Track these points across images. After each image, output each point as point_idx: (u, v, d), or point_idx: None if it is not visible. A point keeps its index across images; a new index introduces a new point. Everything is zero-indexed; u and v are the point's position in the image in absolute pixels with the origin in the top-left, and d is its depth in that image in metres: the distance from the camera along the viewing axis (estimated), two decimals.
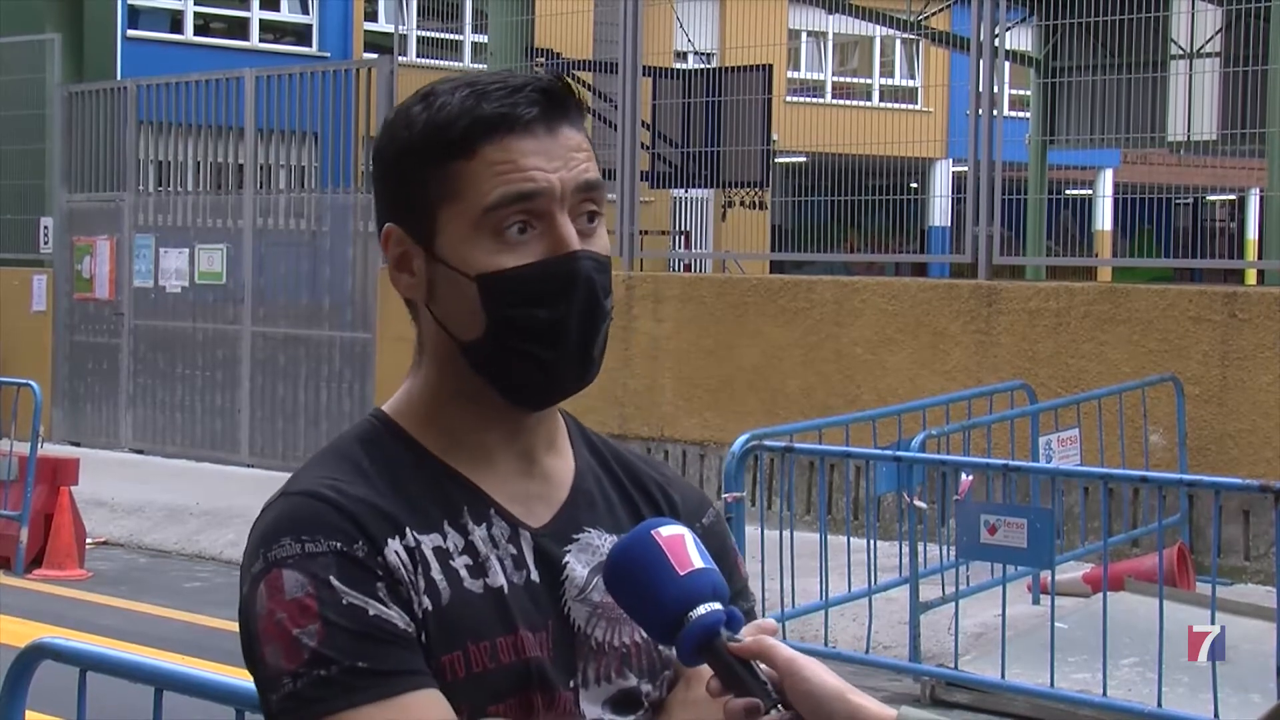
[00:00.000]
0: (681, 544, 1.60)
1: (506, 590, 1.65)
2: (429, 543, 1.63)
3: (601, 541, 1.72)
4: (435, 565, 1.62)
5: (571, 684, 1.67)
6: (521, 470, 1.71)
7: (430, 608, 1.60)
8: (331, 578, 1.56)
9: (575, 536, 1.71)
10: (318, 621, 1.55)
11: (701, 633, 1.56)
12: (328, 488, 1.62)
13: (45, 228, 15.49)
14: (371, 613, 1.56)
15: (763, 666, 1.55)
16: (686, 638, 1.57)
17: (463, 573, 1.63)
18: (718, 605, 1.58)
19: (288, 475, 1.75)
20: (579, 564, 1.70)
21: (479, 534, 1.66)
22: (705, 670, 1.62)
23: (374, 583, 1.57)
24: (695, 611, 1.57)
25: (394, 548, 1.60)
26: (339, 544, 1.58)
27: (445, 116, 1.65)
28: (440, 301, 1.67)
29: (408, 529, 1.62)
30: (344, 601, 1.56)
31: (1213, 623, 6.34)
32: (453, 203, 1.65)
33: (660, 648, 1.72)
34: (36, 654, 3.27)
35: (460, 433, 1.70)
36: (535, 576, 1.67)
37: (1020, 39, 15.60)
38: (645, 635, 1.71)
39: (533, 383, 1.69)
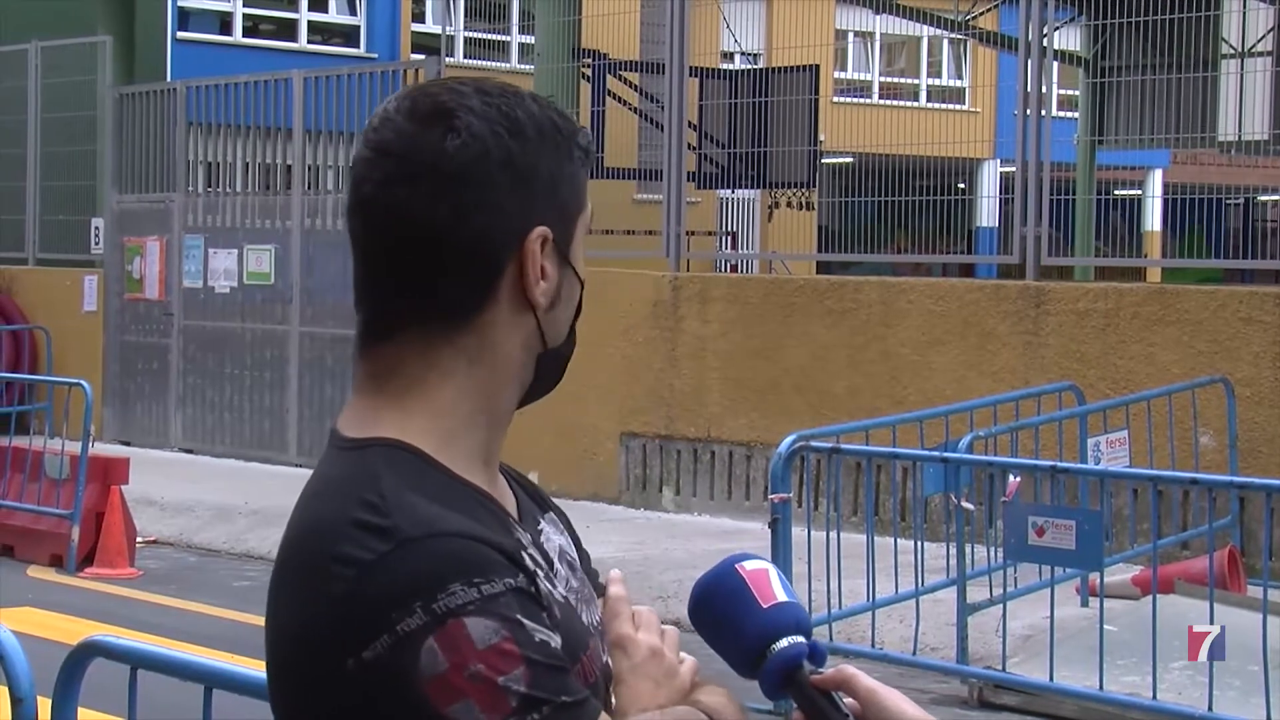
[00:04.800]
0: (765, 578, 1.61)
1: (566, 594, 1.64)
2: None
3: (550, 529, 1.71)
4: (545, 582, 1.58)
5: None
6: (494, 474, 1.68)
7: (561, 621, 1.56)
8: (518, 615, 1.48)
9: (539, 528, 1.70)
10: (522, 664, 1.46)
11: (784, 665, 1.57)
12: (460, 524, 1.51)
13: (96, 229, 15.61)
14: (554, 644, 1.50)
15: (846, 699, 1.56)
16: (769, 671, 1.58)
17: (551, 585, 1.60)
18: (800, 638, 1.59)
19: None
20: (553, 553, 1.68)
21: (528, 543, 1.62)
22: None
23: (542, 613, 1.52)
24: (778, 644, 1.58)
25: (535, 574, 1.55)
26: (511, 580, 1.49)
27: (572, 124, 1.65)
28: (558, 307, 1.64)
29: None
30: (537, 638, 1.48)
31: (1264, 627, 6.30)
32: (581, 208, 1.67)
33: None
34: (88, 652, 3.30)
35: (478, 443, 1.63)
36: None
37: (1069, 38, 15.51)
38: (600, 614, 1.70)
39: (560, 377, 1.71)
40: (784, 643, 1.57)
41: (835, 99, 18.36)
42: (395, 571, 1.46)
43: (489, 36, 20.96)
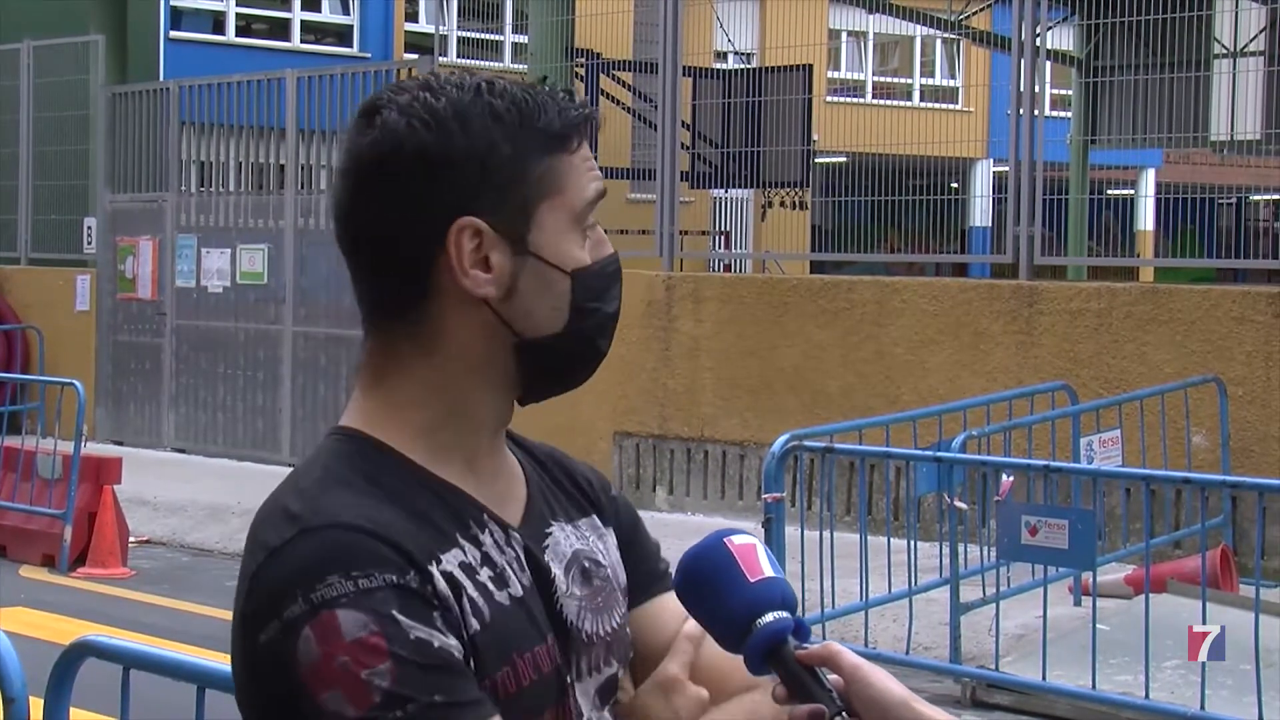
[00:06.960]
0: (753, 552, 1.62)
1: (524, 597, 1.63)
2: (454, 560, 1.58)
3: (562, 534, 1.71)
4: (468, 584, 1.58)
5: (569, 679, 1.66)
6: (494, 471, 1.68)
7: (477, 628, 1.56)
8: (394, 612, 1.49)
9: (546, 531, 1.70)
10: (388, 660, 1.47)
11: (769, 640, 1.58)
12: (359, 517, 1.53)
13: (88, 228, 15.59)
14: (436, 644, 1.50)
15: (830, 675, 1.57)
16: (754, 644, 1.58)
17: (490, 586, 1.59)
18: (785, 613, 1.59)
19: None
20: (555, 558, 1.69)
21: (488, 543, 1.62)
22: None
23: (431, 612, 1.52)
24: (763, 619, 1.58)
25: (437, 572, 1.55)
26: (393, 577, 1.51)
27: (539, 110, 1.63)
28: (519, 298, 1.62)
29: (439, 552, 1.57)
30: (411, 636, 1.49)
31: (1256, 626, 6.31)
32: (554, 197, 1.62)
33: (630, 631, 1.74)
34: (80, 651, 3.30)
35: (455, 440, 1.64)
36: (530, 578, 1.66)
37: (1062, 38, 15.53)
38: (619, 622, 1.71)
39: (584, 373, 1.69)
40: (769, 617, 1.58)
41: (829, 98, 18.37)
42: (288, 559, 1.52)
43: (482, 36, 20.96)
